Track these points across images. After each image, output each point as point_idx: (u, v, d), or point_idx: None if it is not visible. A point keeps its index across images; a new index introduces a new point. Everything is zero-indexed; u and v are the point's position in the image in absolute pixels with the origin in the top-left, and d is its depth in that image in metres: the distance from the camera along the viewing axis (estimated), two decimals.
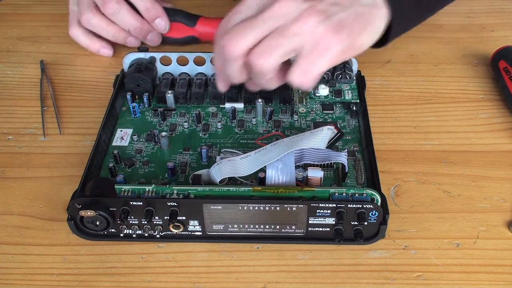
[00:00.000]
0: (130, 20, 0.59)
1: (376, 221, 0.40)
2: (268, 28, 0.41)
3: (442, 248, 0.42)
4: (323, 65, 0.42)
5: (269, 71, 0.42)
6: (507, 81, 0.54)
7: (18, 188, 0.47)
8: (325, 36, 0.40)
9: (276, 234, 0.42)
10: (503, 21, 0.67)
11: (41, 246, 0.42)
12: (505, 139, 0.51)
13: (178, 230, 0.41)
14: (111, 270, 0.41)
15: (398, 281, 0.40)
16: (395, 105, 0.55)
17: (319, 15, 0.40)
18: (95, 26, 0.60)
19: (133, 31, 0.59)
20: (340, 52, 0.42)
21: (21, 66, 0.61)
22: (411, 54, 0.62)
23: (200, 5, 0.69)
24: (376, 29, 0.45)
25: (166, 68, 0.55)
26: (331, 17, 0.41)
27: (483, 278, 0.40)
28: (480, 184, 0.47)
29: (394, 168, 0.48)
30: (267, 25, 0.41)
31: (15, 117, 0.54)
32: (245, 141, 0.49)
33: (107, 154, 0.48)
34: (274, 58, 0.41)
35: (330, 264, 0.41)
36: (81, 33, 0.61)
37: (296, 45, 0.41)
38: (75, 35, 0.61)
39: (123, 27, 0.60)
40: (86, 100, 0.56)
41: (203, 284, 0.40)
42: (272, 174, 0.42)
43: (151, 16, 0.59)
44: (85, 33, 0.61)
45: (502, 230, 0.43)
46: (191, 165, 0.46)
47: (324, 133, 0.44)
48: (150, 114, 0.52)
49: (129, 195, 0.40)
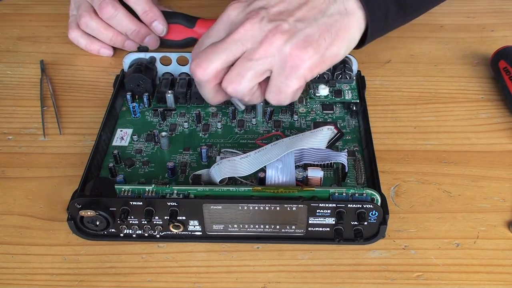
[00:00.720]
0: (127, 23, 0.59)
1: (376, 221, 0.40)
2: (235, 52, 0.42)
3: (442, 248, 0.42)
4: (295, 83, 0.43)
5: (244, 94, 0.43)
6: (507, 81, 0.54)
7: (18, 188, 0.47)
8: (292, 55, 0.41)
9: (276, 234, 0.42)
10: (503, 21, 0.67)
11: (41, 246, 0.42)
12: (505, 139, 0.51)
13: (178, 230, 0.41)
14: (111, 270, 0.41)
15: (398, 281, 0.40)
16: (395, 105, 0.55)
17: (284, 34, 0.41)
18: (93, 30, 0.60)
19: (130, 34, 0.60)
20: (310, 68, 0.42)
21: (21, 66, 0.61)
22: (411, 54, 0.62)
23: (199, 5, 0.70)
24: (350, 37, 0.45)
25: (166, 68, 0.55)
26: (295, 34, 0.41)
27: (483, 278, 0.40)
28: (480, 184, 0.47)
29: (394, 168, 0.48)
30: (234, 48, 0.42)
31: (15, 117, 0.54)
32: (245, 141, 0.49)
33: (107, 154, 0.48)
34: (246, 82, 0.42)
35: (330, 264, 0.41)
36: (80, 36, 0.61)
37: (266, 67, 0.42)
38: (74, 37, 0.62)
39: (120, 31, 0.60)
40: (86, 100, 0.56)
41: (203, 284, 0.40)
42: (272, 174, 0.42)
43: (149, 19, 0.59)
44: (84, 35, 0.61)
45: (502, 230, 0.43)
46: (191, 165, 0.46)
47: (324, 133, 0.44)
48: (150, 114, 0.52)
49: (129, 195, 0.40)
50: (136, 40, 0.60)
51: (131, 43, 0.61)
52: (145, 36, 0.60)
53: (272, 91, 0.43)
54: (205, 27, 0.62)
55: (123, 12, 0.59)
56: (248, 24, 0.42)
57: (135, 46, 0.61)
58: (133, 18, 0.59)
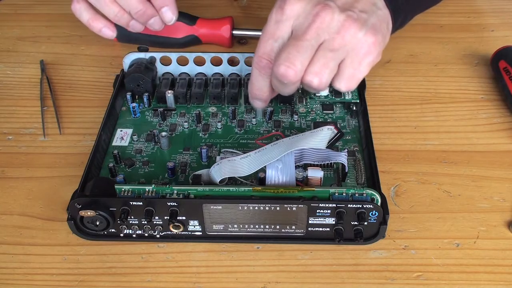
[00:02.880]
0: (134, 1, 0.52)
1: (376, 221, 0.40)
2: (315, 45, 0.42)
3: (442, 248, 0.42)
4: (367, 69, 0.43)
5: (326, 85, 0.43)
6: (507, 81, 0.54)
7: (18, 188, 0.47)
8: (367, 42, 0.42)
9: (276, 234, 0.42)
10: (503, 21, 0.67)
11: (41, 246, 0.42)
12: (505, 139, 0.51)
13: (178, 230, 0.41)
14: (111, 270, 0.41)
15: (398, 281, 0.40)
16: (395, 105, 0.55)
17: (356, 22, 0.42)
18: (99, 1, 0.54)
19: (135, 14, 0.54)
20: (379, 54, 0.43)
21: (21, 66, 0.61)
22: (411, 54, 0.62)
23: (199, 5, 0.70)
24: (390, 29, 0.46)
25: (166, 68, 0.55)
26: (365, 23, 0.42)
27: (483, 278, 0.40)
28: (480, 184, 0.47)
29: (394, 168, 0.48)
30: (315, 42, 0.42)
31: (15, 117, 0.54)
32: (245, 141, 0.49)
33: (107, 154, 0.48)
34: (330, 72, 0.42)
35: (330, 264, 0.41)
36: (84, 9, 0.55)
37: (344, 55, 0.42)
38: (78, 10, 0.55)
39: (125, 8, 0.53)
40: (86, 100, 0.56)
41: (203, 284, 0.40)
42: (272, 174, 0.42)
43: (159, 3, 0.54)
44: (89, 9, 0.55)
45: (502, 230, 0.43)
46: (191, 165, 0.46)
47: (324, 133, 0.44)
48: (150, 114, 0.52)
49: (129, 195, 0.40)
50: (140, 20, 0.54)
51: (136, 24, 0.55)
52: (151, 18, 0.54)
53: (344, 78, 0.43)
54: (205, 26, 0.62)
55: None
56: (323, 15, 0.42)
57: (140, 28, 0.55)
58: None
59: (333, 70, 0.43)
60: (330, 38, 0.42)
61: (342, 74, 0.43)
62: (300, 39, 0.42)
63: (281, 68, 0.41)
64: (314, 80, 0.42)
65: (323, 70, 0.42)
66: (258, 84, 0.45)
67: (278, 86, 0.44)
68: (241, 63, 0.54)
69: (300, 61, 0.42)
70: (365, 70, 0.43)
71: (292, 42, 0.42)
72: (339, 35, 0.41)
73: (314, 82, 0.42)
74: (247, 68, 0.55)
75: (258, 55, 0.43)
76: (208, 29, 0.62)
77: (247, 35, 0.64)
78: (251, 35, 0.63)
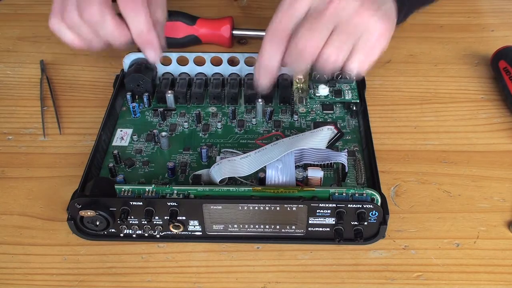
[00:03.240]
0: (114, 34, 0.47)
1: (376, 221, 0.40)
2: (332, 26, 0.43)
3: (442, 248, 0.42)
4: (379, 52, 0.44)
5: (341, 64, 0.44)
6: (507, 81, 0.54)
7: (18, 188, 0.47)
8: (380, 26, 0.43)
9: (276, 234, 0.42)
10: (503, 21, 0.67)
11: (41, 246, 0.42)
12: (505, 139, 0.51)
13: (178, 230, 0.41)
14: (111, 270, 0.41)
15: (398, 281, 0.40)
16: (395, 105, 0.55)
17: (370, 8, 0.43)
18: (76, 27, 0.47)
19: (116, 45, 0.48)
20: (388, 39, 0.44)
21: (21, 66, 0.61)
22: (411, 54, 0.62)
23: (199, 5, 0.69)
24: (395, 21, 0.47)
25: (166, 68, 0.55)
26: (379, 9, 0.43)
27: (483, 278, 0.40)
28: (480, 184, 0.47)
29: (394, 168, 0.48)
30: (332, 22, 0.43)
31: (15, 117, 0.54)
32: (245, 141, 0.49)
33: (107, 154, 0.48)
34: (344, 53, 0.43)
35: (330, 264, 0.41)
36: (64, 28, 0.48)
37: (358, 37, 0.43)
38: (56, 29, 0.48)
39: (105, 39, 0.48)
40: (86, 100, 0.56)
41: (203, 284, 0.40)
42: (272, 174, 0.42)
43: (142, 43, 0.48)
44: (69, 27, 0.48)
45: (502, 230, 0.43)
46: (191, 165, 0.46)
47: (324, 133, 0.44)
48: (150, 114, 0.52)
49: (129, 195, 0.40)
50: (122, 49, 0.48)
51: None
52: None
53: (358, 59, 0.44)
54: (205, 26, 0.62)
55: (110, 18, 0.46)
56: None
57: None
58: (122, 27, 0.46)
59: (348, 50, 0.44)
60: (346, 19, 0.42)
61: (355, 54, 0.44)
62: (320, 16, 0.43)
63: (302, 41, 0.42)
64: (332, 55, 0.43)
65: (341, 47, 0.43)
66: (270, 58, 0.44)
67: (294, 60, 0.44)
68: (241, 63, 0.54)
69: (320, 37, 0.43)
70: (377, 54, 0.44)
71: (311, 20, 0.43)
72: (352, 19, 0.42)
73: (331, 57, 0.43)
74: (247, 68, 0.55)
75: (274, 28, 0.44)
76: (208, 29, 0.62)
77: (247, 35, 0.64)
78: (251, 35, 0.63)
